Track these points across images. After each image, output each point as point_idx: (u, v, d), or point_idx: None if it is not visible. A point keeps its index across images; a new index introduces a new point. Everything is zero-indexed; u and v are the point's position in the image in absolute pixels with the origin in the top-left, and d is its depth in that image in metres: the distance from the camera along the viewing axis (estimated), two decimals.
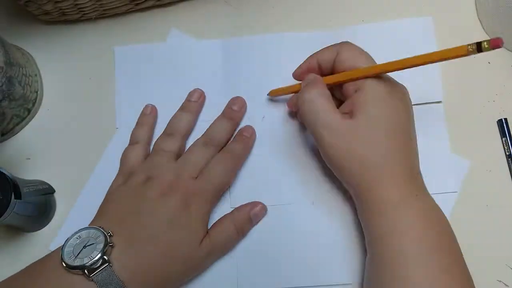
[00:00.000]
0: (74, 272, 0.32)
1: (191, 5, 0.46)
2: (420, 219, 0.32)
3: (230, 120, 0.41)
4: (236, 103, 0.42)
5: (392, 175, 0.33)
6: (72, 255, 0.32)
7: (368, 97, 0.33)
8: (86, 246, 0.32)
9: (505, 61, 0.43)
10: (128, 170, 0.39)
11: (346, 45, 0.36)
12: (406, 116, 0.34)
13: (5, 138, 0.43)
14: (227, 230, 0.37)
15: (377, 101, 0.33)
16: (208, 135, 0.40)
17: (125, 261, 0.33)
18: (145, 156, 0.40)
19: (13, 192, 0.35)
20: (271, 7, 0.46)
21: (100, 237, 0.33)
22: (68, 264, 0.32)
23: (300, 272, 0.38)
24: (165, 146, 0.39)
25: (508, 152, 0.40)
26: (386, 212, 0.32)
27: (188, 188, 0.36)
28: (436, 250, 0.31)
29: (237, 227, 0.38)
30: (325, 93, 0.35)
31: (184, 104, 0.43)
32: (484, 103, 0.42)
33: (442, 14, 0.44)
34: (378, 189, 0.33)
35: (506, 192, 0.40)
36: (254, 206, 0.39)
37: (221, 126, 0.41)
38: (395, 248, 0.31)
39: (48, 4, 0.41)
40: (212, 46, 0.45)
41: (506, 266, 0.38)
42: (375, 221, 0.33)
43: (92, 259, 0.31)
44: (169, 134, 0.40)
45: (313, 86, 0.35)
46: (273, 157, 0.41)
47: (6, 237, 0.41)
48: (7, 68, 0.39)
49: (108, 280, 0.31)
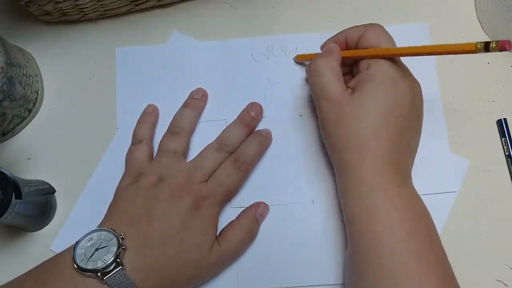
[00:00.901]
0: (86, 275, 0.32)
1: (192, 6, 0.46)
2: (396, 207, 0.31)
3: (246, 127, 0.41)
4: (254, 109, 0.41)
5: (375, 158, 0.32)
6: (85, 258, 0.32)
7: (374, 77, 0.34)
8: (99, 248, 0.32)
9: (505, 61, 0.43)
10: (136, 169, 0.39)
11: (374, 25, 0.37)
12: (409, 108, 0.34)
13: (5, 138, 0.43)
14: (237, 237, 0.37)
15: (381, 82, 0.33)
16: (222, 140, 0.40)
17: (137, 264, 0.33)
18: (150, 154, 0.40)
19: (14, 192, 0.35)
20: (271, 8, 0.46)
21: (113, 240, 0.33)
22: (81, 267, 0.31)
23: (300, 271, 0.38)
24: (171, 146, 0.39)
25: (507, 152, 0.41)
26: (362, 194, 0.32)
27: (200, 191, 0.36)
28: (411, 237, 0.31)
29: (246, 232, 0.38)
30: (334, 65, 0.36)
31: (188, 101, 0.43)
32: (484, 103, 0.42)
33: (442, 14, 0.44)
34: (359, 168, 0.33)
35: (506, 192, 0.40)
36: (257, 207, 0.39)
37: (236, 132, 0.40)
38: (369, 232, 0.31)
39: (49, 4, 0.41)
40: (212, 47, 0.45)
41: (506, 266, 0.38)
42: (352, 202, 0.33)
43: (105, 262, 0.31)
44: (174, 133, 0.40)
45: (325, 56, 0.36)
46: (273, 157, 0.41)
47: (6, 237, 0.41)
48: (8, 68, 0.39)
49: (121, 283, 0.31)
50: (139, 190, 0.37)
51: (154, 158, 0.39)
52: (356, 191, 0.33)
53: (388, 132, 0.33)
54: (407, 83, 0.34)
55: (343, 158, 0.34)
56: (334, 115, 0.34)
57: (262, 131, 0.41)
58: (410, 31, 0.44)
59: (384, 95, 0.33)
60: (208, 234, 0.36)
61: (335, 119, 0.34)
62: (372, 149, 0.32)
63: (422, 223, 0.32)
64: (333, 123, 0.34)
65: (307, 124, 0.42)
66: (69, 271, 0.32)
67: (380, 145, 0.32)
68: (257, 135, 0.41)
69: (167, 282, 0.34)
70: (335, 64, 0.36)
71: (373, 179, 0.32)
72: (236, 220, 0.38)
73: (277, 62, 0.44)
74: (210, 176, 0.38)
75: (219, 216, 0.38)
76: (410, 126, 0.34)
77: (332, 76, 0.35)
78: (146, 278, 0.33)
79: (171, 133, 0.40)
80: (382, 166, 0.32)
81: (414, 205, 0.33)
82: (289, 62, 0.44)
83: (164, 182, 0.36)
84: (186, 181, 0.37)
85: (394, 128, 0.33)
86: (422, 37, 0.43)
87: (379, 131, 0.33)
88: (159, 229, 0.34)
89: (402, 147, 0.34)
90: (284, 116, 0.42)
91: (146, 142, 0.41)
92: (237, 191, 0.40)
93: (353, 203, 0.33)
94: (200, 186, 0.37)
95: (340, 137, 0.34)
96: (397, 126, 0.33)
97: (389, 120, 0.33)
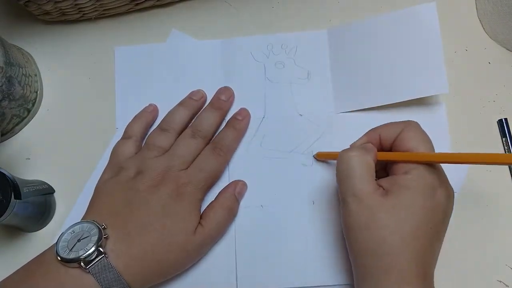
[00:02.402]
0: (70, 265, 0.32)
1: (191, 5, 0.46)
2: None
3: (218, 110, 0.41)
4: (224, 92, 0.42)
5: (403, 269, 0.30)
6: (67, 249, 0.32)
7: (412, 184, 0.31)
8: (81, 239, 0.33)
9: (505, 61, 0.43)
10: (118, 164, 0.39)
11: (412, 125, 0.34)
12: (441, 218, 0.32)
13: (5, 138, 0.43)
14: (218, 215, 0.38)
15: (420, 191, 0.31)
16: (196, 126, 0.40)
17: (120, 251, 0.33)
18: (136, 151, 0.40)
19: (13, 192, 0.35)
20: (271, 7, 0.46)
21: (94, 230, 0.33)
22: (63, 258, 0.32)
23: (300, 272, 0.38)
24: (157, 141, 0.39)
25: (508, 152, 0.40)
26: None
27: (179, 178, 0.37)
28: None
29: (226, 209, 0.38)
30: (369, 162, 0.33)
31: (184, 100, 0.43)
32: (484, 103, 0.42)
33: (442, 14, 0.44)
34: (384, 278, 0.30)
35: (506, 192, 0.40)
36: (236, 185, 0.39)
37: (208, 116, 0.41)
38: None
39: (48, 4, 0.41)
40: (212, 46, 0.45)
41: (506, 266, 0.38)
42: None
43: (87, 251, 0.32)
44: (163, 130, 0.40)
45: (360, 150, 0.33)
46: (273, 156, 0.41)
47: (6, 237, 0.41)
48: (7, 68, 0.39)
49: (105, 271, 0.32)
50: (118, 183, 0.37)
51: (138, 152, 0.40)
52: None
53: (418, 243, 0.30)
54: (444, 193, 0.32)
55: (368, 265, 0.31)
56: (364, 218, 0.31)
57: (237, 115, 0.41)
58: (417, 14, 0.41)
59: (421, 206, 0.31)
60: (190, 219, 0.36)
61: (365, 222, 0.31)
62: (400, 260, 0.30)
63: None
64: (361, 226, 0.31)
65: (307, 124, 0.42)
66: (54, 263, 0.32)
67: (409, 257, 0.30)
68: (233, 120, 0.41)
69: (152, 268, 0.34)
70: (371, 161, 0.33)
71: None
72: (215, 201, 0.39)
73: (277, 61, 0.44)
74: (189, 164, 0.38)
75: (202, 203, 0.38)
76: (439, 236, 0.32)
77: (366, 173, 0.32)
78: (130, 265, 0.33)
79: (160, 129, 0.41)
80: (410, 279, 0.30)
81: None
82: (290, 61, 0.44)
83: (143, 174, 0.37)
84: (165, 171, 0.37)
85: (424, 239, 0.31)
86: (430, 19, 0.40)
87: (410, 241, 0.30)
88: (141, 216, 0.35)
89: (430, 257, 0.31)
90: (284, 115, 0.42)
91: (135, 139, 0.41)
92: (219, 178, 0.40)
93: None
94: (180, 174, 0.37)
95: (366, 242, 0.31)
96: (428, 237, 0.31)
97: (421, 231, 0.31)
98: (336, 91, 0.43)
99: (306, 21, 0.45)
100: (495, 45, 0.44)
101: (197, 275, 0.38)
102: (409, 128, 0.34)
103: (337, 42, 0.43)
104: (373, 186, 0.32)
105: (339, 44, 0.43)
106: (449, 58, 0.43)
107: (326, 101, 0.43)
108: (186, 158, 0.38)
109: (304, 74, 0.43)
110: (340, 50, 0.43)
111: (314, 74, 0.43)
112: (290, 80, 0.43)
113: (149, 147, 0.39)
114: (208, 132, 0.40)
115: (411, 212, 0.30)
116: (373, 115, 0.41)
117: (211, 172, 0.38)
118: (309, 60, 0.44)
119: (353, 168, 0.32)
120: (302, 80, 0.43)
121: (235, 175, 0.41)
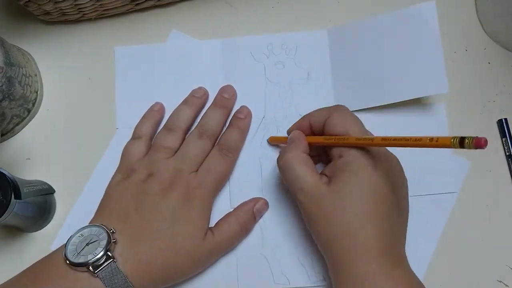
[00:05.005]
0: (78, 269, 0.32)
1: (191, 5, 0.46)
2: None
3: (222, 108, 0.41)
4: (226, 91, 0.42)
5: (366, 246, 0.31)
6: (75, 253, 0.32)
7: (348, 166, 0.32)
8: (89, 243, 0.33)
9: (505, 61, 0.43)
10: (129, 166, 0.39)
11: (338, 109, 0.35)
12: (390, 191, 0.32)
13: (5, 138, 0.43)
14: (231, 228, 0.37)
15: (357, 172, 0.32)
16: (202, 126, 0.40)
17: (128, 256, 0.33)
18: (146, 151, 0.40)
19: (13, 192, 0.34)
20: (271, 7, 0.46)
21: (103, 234, 0.33)
22: (72, 261, 0.32)
23: (300, 271, 0.38)
24: (165, 142, 0.39)
25: (508, 152, 0.40)
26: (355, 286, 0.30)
27: (189, 182, 0.37)
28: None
29: (241, 225, 0.38)
30: (302, 156, 0.34)
31: (187, 98, 0.43)
32: (484, 103, 0.42)
33: (442, 14, 0.44)
34: (349, 261, 0.31)
35: (506, 192, 0.40)
36: (256, 202, 0.39)
37: (214, 115, 0.41)
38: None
39: (48, 4, 0.41)
40: (212, 46, 0.45)
41: (506, 266, 0.38)
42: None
43: (95, 255, 0.32)
44: (170, 130, 0.40)
45: (290, 150, 0.35)
46: (273, 156, 0.41)
47: (6, 237, 0.41)
48: (7, 68, 0.39)
49: (113, 276, 0.32)
50: (129, 185, 0.37)
51: (147, 154, 0.40)
52: (347, 283, 0.31)
53: (373, 220, 0.31)
54: (383, 169, 0.32)
55: (332, 251, 0.32)
56: (315, 208, 0.32)
57: (239, 114, 0.41)
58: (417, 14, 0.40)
59: (364, 183, 0.32)
60: (200, 225, 0.36)
61: (317, 212, 0.32)
62: (360, 239, 0.31)
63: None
64: (315, 217, 0.33)
65: None
66: (62, 267, 0.32)
67: (368, 235, 0.31)
68: (235, 119, 0.41)
69: (159, 273, 0.34)
70: (303, 155, 0.34)
71: (367, 270, 0.30)
72: (232, 212, 0.39)
73: (277, 61, 0.44)
74: (198, 166, 0.38)
75: (212, 211, 0.38)
76: (395, 210, 0.33)
77: (303, 169, 0.33)
78: (138, 270, 0.33)
79: (166, 129, 0.41)
80: (374, 256, 0.31)
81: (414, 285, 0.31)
82: (290, 61, 0.44)
83: (153, 177, 0.37)
84: (175, 174, 0.37)
85: (378, 215, 0.31)
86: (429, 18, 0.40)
87: (364, 221, 0.31)
88: (150, 222, 0.35)
89: (391, 232, 0.32)
90: (284, 115, 0.42)
91: (144, 139, 0.41)
92: (228, 179, 0.40)
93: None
94: (190, 177, 0.37)
95: (325, 231, 0.32)
96: (381, 211, 0.32)
97: (372, 208, 0.31)
98: (336, 91, 0.43)
99: (306, 21, 0.45)
100: (495, 45, 0.44)
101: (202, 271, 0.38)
102: (336, 114, 0.35)
103: (337, 42, 0.43)
104: (316, 177, 0.33)
105: (339, 44, 0.43)
106: (449, 58, 0.43)
107: (326, 101, 0.43)
108: (196, 160, 0.38)
109: (304, 74, 0.43)
110: (340, 50, 0.43)
111: (314, 74, 0.43)
112: (290, 80, 0.43)
113: (158, 149, 0.39)
114: (215, 131, 0.40)
115: (356, 192, 0.31)
116: (373, 115, 0.41)
117: (220, 174, 0.38)
118: (309, 60, 0.44)
119: (292, 169, 0.34)
120: (302, 80, 0.43)
121: (235, 175, 0.41)
